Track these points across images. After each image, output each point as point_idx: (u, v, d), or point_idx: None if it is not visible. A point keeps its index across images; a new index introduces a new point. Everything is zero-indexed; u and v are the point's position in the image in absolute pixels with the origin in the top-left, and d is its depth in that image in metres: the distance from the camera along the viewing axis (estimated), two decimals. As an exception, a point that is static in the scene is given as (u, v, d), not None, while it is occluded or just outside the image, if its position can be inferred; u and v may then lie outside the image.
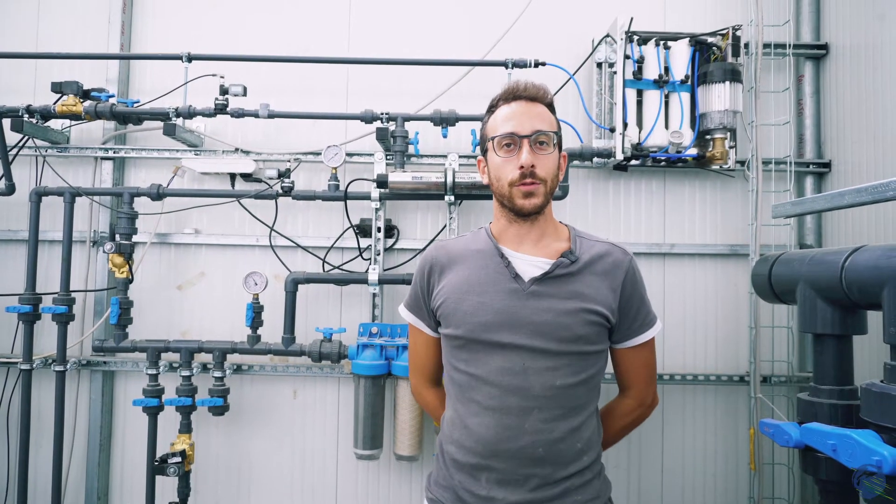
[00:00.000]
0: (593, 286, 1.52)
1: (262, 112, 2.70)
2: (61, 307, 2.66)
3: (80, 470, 2.90)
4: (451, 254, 1.62)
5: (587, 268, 1.54)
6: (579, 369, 1.50)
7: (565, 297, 1.50)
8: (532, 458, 1.47)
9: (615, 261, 1.57)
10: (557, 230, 1.61)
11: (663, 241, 2.93)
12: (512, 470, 1.47)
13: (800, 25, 2.96)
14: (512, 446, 1.47)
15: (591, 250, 1.57)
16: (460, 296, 1.54)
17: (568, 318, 1.48)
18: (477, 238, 1.63)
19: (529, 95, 1.54)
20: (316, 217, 2.96)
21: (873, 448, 1.55)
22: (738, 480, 2.87)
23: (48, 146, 2.91)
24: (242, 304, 2.74)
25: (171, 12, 3.04)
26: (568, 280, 1.52)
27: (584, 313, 1.49)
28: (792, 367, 2.82)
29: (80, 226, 2.88)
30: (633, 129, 2.73)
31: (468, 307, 1.52)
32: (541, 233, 1.57)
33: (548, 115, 1.55)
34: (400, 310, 1.75)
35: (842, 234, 2.73)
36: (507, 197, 1.52)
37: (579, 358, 1.50)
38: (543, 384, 1.47)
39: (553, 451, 1.47)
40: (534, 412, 1.47)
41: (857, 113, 2.67)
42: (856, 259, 1.80)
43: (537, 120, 1.51)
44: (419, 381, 1.80)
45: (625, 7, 2.86)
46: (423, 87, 2.89)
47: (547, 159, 1.51)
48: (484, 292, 1.52)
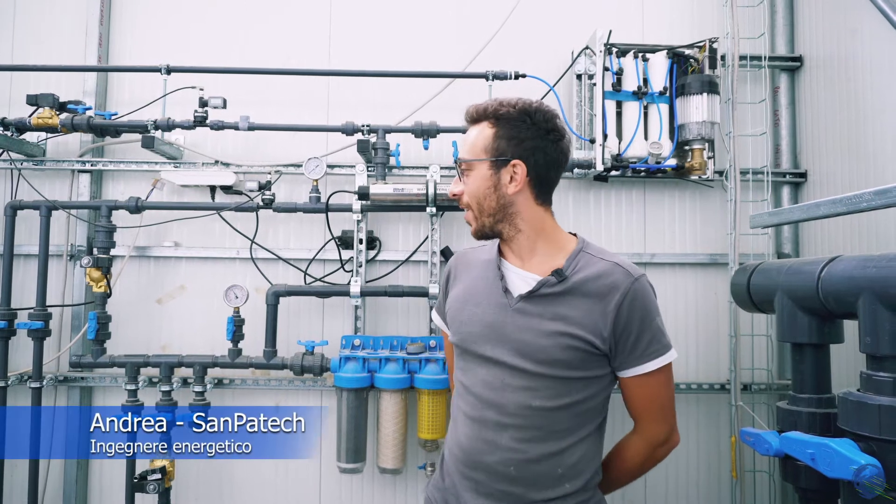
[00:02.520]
0: (581, 309, 1.44)
1: (242, 124, 2.69)
2: (37, 322, 2.62)
3: (58, 488, 2.84)
4: (467, 262, 1.64)
5: (577, 289, 1.44)
6: (559, 393, 1.44)
7: (548, 318, 1.44)
8: (504, 475, 1.45)
9: (613, 282, 1.44)
10: (558, 244, 1.52)
11: (644, 251, 2.95)
12: (487, 483, 1.46)
13: (775, 38, 3.01)
14: (487, 459, 1.46)
15: (587, 269, 1.46)
16: (462, 304, 1.56)
17: (547, 341, 1.43)
18: (492, 248, 1.61)
19: (469, 118, 1.52)
20: (297, 229, 2.94)
21: (851, 457, 1.57)
22: (721, 488, 2.88)
23: (24, 159, 2.86)
24: (223, 318, 2.71)
25: (150, 24, 3.02)
26: (553, 300, 1.45)
27: (566, 337, 1.42)
28: (772, 375, 2.85)
29: (56, 239, 2.83)
30: (612, 141, 2.76)
31: (465, 316, 1.53)
32: (529, 248, 1.51)
33: (480, 134, 1.49)
34: (432, 313, 1.82)
35: (818, 243, 2.78)
36: None
37: (559, 382, 1.44)
38: (518, 403, 1.44)
39: (526, 471, 1.44)
40: (509, 429, 1.44)
41: (831, 124, 2.72)
42: (832, 269, 1.83)
43: (464, 147, 1.53)
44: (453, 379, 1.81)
45: (604, 20, 2.89)
46: (404, 98, 2.89)
47: (470, 184, 1.50)
48: (479, 303, 1.52)
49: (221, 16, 3.02)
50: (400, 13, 3.04)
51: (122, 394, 2.66)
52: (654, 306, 1.48)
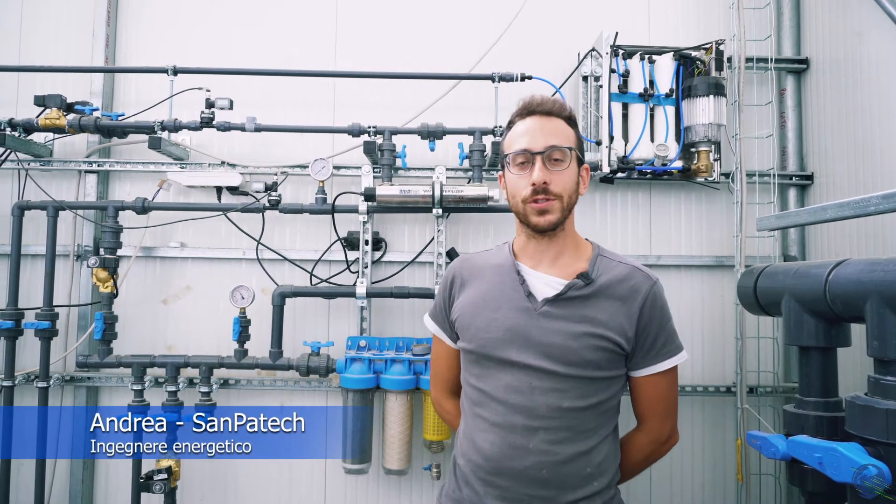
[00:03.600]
0: (608, 311, 1.48)
1: (248, 125, 2.69)
2: (44, 322, 2.63)
3: (64, 488, 2.85)
4: (473, 267, 1.62)
5: (603, 291, 1.49)
6: (588, 393, 1.46)
7: (576, 320, 1.46)
8: (536, 479, 1.44)
9: (635, 285, 1.50)
10: (579, 248, 1.57)
11: (650, 253, 2.95)
12: (515, 489, 1.46)
13: (781, 40, 3.00)
14: (516, 465, 1.45)
15: (610, 273, 1.51)
16: (475, 310, 1.54)
17: (576, 343, 1.45)
18: (500, 253, 1.62)
19: (544, 110, 1.52)
20: (303, 230, 2.95)
21: (859, 461, 1.57)
22: (726, 491, 2.88)
23: (31, 159, 2.88)
24: (229, 318, 2.72)
25: (157, 25, 3.03)
26: (581, 303, 1.48)
27: (594, 339, 1.45)
28: (777, 378, 2.84)
29: (63, 240, 2.84)
30: (618, 142, 2.76)
31: (481, 322, 1.52)
32: (559, 250, 1.54)
33: (565, 130, 1.52)
34: (425, 319, 1.76)
35: (825, 246, 2.77)
36: (521, 214, 1.52)
37: (588, 382, 1.46)
38: (549, 405, 1.45)
39: (558, 473, 1.44)
40: (539, 432, 1.44)
41: (838, 126, 2.71)
42: (839, 273, 1.83)
43: (551, 136, 1.49)
44: (439, 391, 1.79)
45: (610, 21, 2.89)
46: (410, 100, 2.89)
47: (562, 175, 1.48)
48: (498, 308, 1.51)
49: (228, 17, 3.03)
50: (406, 15, 3.04)
51: (128, 394, 2.67)
52: (668, 308, 1.56)
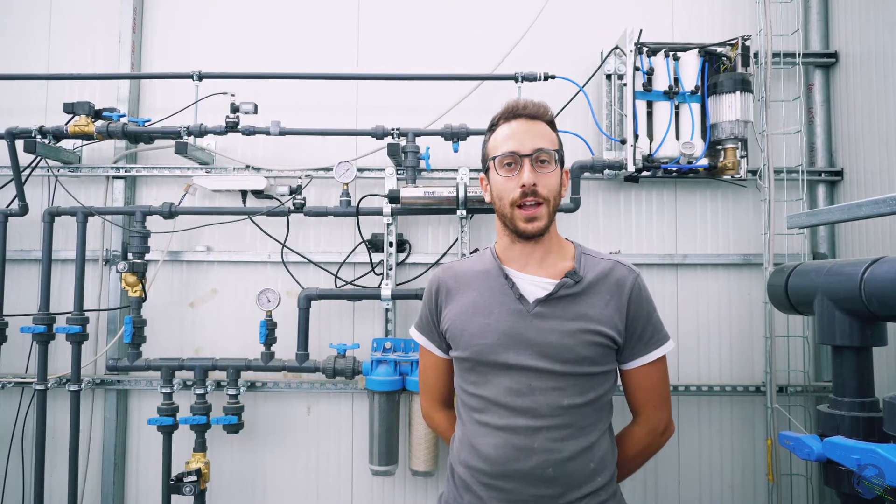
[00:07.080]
0: (598, 306, 1.52)
1: (273, 129, 2.71)
2: (75, 327, 2.66)
3: (96, 489, 2.89)
4: (457, 276, 1.63)
5: (591, 288, 1.53)
6: (585, 389, 1.49)
7: (570, 318, 1.49)
8: (542, 478, 1.45)
9: (619, 278, 1.55)
10: (562, 248, 1.60)
11: (676, 252, 2.92)
12: (521, 490, 1.47)
13: (808, 34, 2.95)
14: (521, 466, 1.46)
15: (595, 269, 1.55)
16: (467, 318, 1.55)
17: (572, 340, 1.48)
18: (482, 259, 1.64)
19: (529, 113, 1.54)
20: (328, 232, 2.96)
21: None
22: (756, 492, 2.84)
23: (60, 166, 2.92)
24: (255, 321, 2.74)
25: (181, 31, 3.06)
26: (572, 301, 1.51)
27: (589, 334, 1.49)
28: (808, 377, 2.80)
29: (92, 245, 2.88)
30: (643, 141, 2.73)
31: (474, 329, 1.53)
32: (545, 252, 1.57)
33: (549, 133, 1.55)
34: (411, 331, 1.76)
35: (856, 244, 2.72)
36: (508, 218, 1.53)
37: (585, 378, 1.49)
38: (550, 404, 1.47)
39: (564, 470, 1.46)
40: (542, 431, 1.46)
41: (868, 121, 2.66)
42: (875, 271, 1.79)
43: (538, 138, 1.51)
44: (430, 403, 1.80)
45: (633, 18, 2.87)
46: (432, 101, 2.89)
47: (549, 177, 1.51)
48: (489, 314, 1.53)
49: (251, 22, 3.05)
50: (427, 16, 3.04)
51: (157, 396, 2.70)
52: (652, 299, 1.62)
